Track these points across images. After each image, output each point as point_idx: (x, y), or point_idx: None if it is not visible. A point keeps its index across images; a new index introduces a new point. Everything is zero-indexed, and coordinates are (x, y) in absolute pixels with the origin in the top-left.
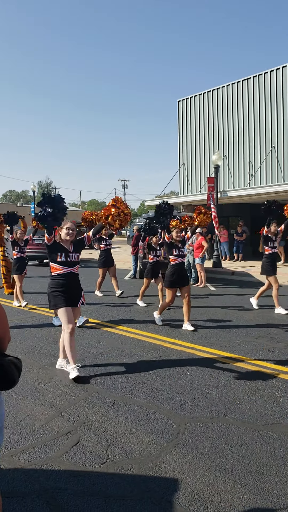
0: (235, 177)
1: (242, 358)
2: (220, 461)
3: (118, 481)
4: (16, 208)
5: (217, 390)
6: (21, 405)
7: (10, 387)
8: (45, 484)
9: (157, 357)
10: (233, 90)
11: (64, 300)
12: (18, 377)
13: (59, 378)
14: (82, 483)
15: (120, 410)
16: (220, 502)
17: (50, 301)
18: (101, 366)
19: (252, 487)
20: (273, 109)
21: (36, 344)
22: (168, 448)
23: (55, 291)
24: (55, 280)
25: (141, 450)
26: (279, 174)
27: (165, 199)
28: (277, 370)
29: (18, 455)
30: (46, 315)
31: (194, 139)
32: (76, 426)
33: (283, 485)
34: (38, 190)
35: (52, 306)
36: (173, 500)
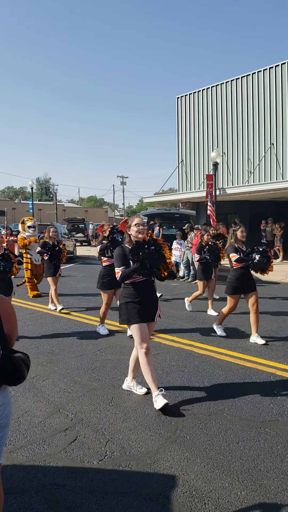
0: (234, 174)
1: (240, 355)
2: (217, 457)
3: (116, 477)
4: (14, 204)
5: (215, 387)
6: (20, 402)
7: (18, 382)
8: (43, 480)
9: (155, 354)
10: (232, 87)
11: (139, 314)
12: (27, 373)
13: (57, 375)
14: (80, 479)
15: (118, 407)
16: (218, 499)
17: (121, 315)
18: (99, 363)
19: (249, 484)
20: (272, 106)
21: (34, 341)
22: (166, 445)
23: (130, 302)
24: (127, 290)
25: (139, 447)
26: (277, 171)
27: (163, 195)
28: (275, 367)
29: (16, 451)
30: (44, 312)
31: (193, 136)
32: (74, 422)
33: (280, 482)
34: (36, 187)
35: (124, 321)
36: (171, 496)
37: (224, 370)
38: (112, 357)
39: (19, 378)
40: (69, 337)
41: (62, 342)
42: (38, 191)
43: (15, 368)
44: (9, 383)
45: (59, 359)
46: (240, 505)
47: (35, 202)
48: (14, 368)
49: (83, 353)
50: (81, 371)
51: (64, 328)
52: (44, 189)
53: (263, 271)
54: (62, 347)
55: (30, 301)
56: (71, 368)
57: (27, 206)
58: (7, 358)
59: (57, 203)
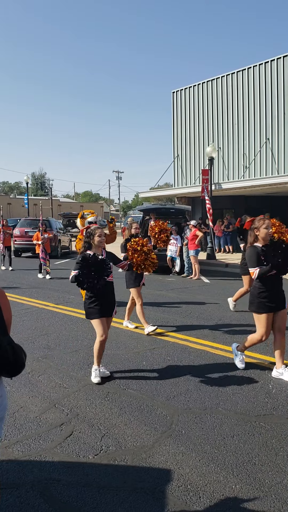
0: (230, 169)
1: None
2: (212, 451)
3: (112, 472)
4: (9, 199)
5: (210, 382)
6: (15, 397)
7: (19, 371)
8: (39, 475)
9: (151, 349)
10: (228, 82)
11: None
12: (25, 361)
13: (53, 370)
14: (76, 474)
15: (113, 402)
16: (213, 492)
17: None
18: None
19: (244, 477)
20: (267, 101)
21: (29, 336)
22: (161, 439)
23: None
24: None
25: (134, 441)
26: (273, 166)
27: (159, 190)
28: (270, 361)
29: (12, 446)
30: (40, 308)
31: (189, 131)
32: (70, 417)
33: (274, 475)
34: (31, 182)
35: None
36: (166, 490)
37: (219, 365)
38: (108, 352)
39: (20, 365)
40: (65, 333)
41: (57, 337)
42: (33, 186)
43: (17, 355)
44: (10, 372)
45: (55, 354)
46: (234, 498)
47: (30, 197)
48: (17, 355)
49: (78, 348)
50: (77, 366)
51: (59, 323)
52: (40, 184)
53: None
54: (58, 342)
55: (26, 296)
56: (67, 363)
57: (22, 201)
58: (10, 345)
59: (52, 198)
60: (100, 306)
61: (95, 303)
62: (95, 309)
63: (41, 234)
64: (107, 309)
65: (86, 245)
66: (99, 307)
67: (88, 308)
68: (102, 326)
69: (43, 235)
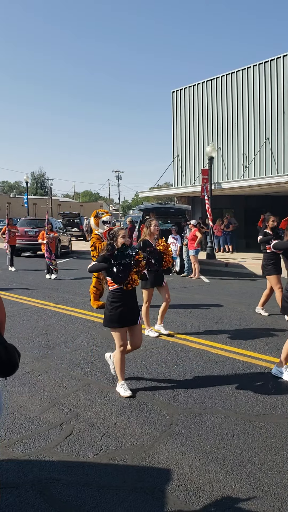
0: (229, 168)
1: (235, 350)
2: (212, 451)
3: (111, 471)
4: (9, 199)
5: (210, 381)
6: (15, 397)
7: (13, 371)
8: (38, 474)
9: (151, 348)
10: (227, 81)
11: None
12: (19, 362)
13: (52, 370)
14: (76, 473)
15: (113, 401)
16: (212, 492)
17: None
18: (95, 358)
19: (243, 477)
20: (267, 101)
21: (29, 336)
22: (161, 438)
23: None
24: None
25: (134, 441)
26: (273, 166)
27: (159, 190)
28: (270, 361)
29: (12, 446)
30: (40, 307)
31: (188, 131)
32: (70, 417)
33: (274, 475)
34: (31, 181)
35: None
36: (165, 489)
37: (218, 364)
38: (108, 351)
39: (13, 365)
40: (65, 332)
41: (57, 337)
42: (33, 186)
43: (11, 355)
44: (3, 372)
45: (55, 354)
46: (234, 498)
47: (30, 196)
48: (10, 355)
49: (78, 348)
50: (77, 366)
51: (59, 323)
52: (39, 183)
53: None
54: (58, 342)
55: (25, 295)
56: (67, 363)
57: (22, 201)
58: (2, 345)
59: (52, 198)
60: (122, 314)
61: (117, 310)
62: (116, 317)
63: (46, 233)
64: (129, 317)
65: (109, 247)
66: (121, 314)
67: (109, 315)
68: (121, 335)
69: (48, 234)
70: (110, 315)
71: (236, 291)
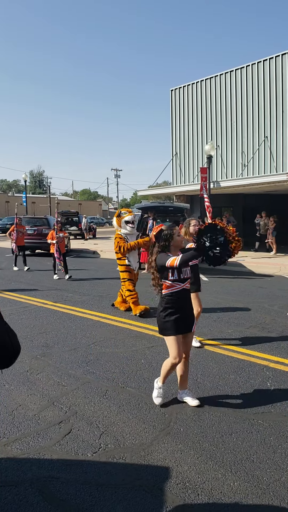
0: (228, 167)
1: (234, 348)
2: (211, 449)
3: (110, 469)
4: (8, 197)
5: (209, 380)
6: (14, 395)
7: (16, 356)
8: (37, 473)
9: (149, 347)
10: (226, 80)
11: None
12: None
13: (51, 369)
14: (75, 471)
15: (112, 400)
16: (211, 490)
17: None
18: (94, 356)
19: (242, 475)
20: (266, 99)
21: (28, 335)
22: (159, 437)
23: None
24: None
25: (133, 439)
26: (271, 165)
27: (157, 188)
28: (268, 359)
29: (10, 444)
30: (39, 306)
31: (187, 129)
32: (69, 415)
33: (272, 473)
34: (30, 180)
35: None
36: (164, 487)
37: (217, 362)
38: (106, 350)
39: (17, 351)
40: (63, 331)
41: (56, 335)
42: (31, 184)
43: (12, 341)
44: (5, 361)
45: (53, 352)
46: (233, 496)
47: (29, 195)
48: (11, 342)
49: (77, 347)
50: (75, 364)
51: (58, 321)
52: (38, 182)
53: None
54: (56, 341)
55: (24, 294)
56: (65, 362)
57: (20, 199)
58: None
59: (50, 196)
60: (177, 320)
61: (173, 316)
62: (171, 324)
63: (56, 233)
64: (185, 324)
65: (164, 249)
66: (177, 321)
67: (164, 322)
68: (177, 345)
69: (58, 234)
70: (164, 322)
71: (235, 290)
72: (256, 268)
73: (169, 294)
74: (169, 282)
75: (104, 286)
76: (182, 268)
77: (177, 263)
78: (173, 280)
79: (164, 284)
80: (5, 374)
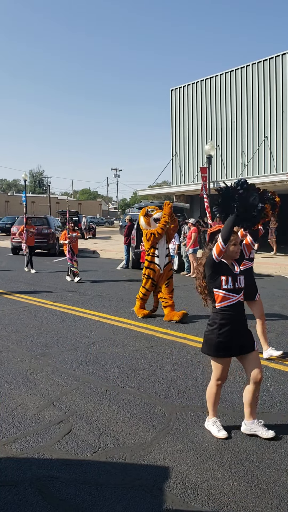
0: (228, 167)
1: None
2: (210, 449)
3: (110, 469)
4: (7, 197)
5: (208, 380)
6: (13, 395)
7: None
8: (37, 472)
9: (149, 347)
10: (226, 80)
11: None
12: None
13: (51, 368)
14: (74, 471)
15: (112, 400)
16: (211, 489)
17: None
18: (93, 356)
19: (242, 475)
20: (266, 99)
21: (28, 334)
22: (159, 436)
23: None
24: None
25: (132, 439)
26: (271, 164)
27: (157, 188)
28: (268, 359)
29: (10, 444)
30: (38, 305)
31: (187, 129)
32: (68, 415)
33: (272, 472)
34: (29, 179)
35: None
36: (164, 487)
37: None
38: (106, 350)
39: None
40: (63, 330)
41: (55, 335)
42: (31, 184)
43: None
44: None
45: (53, 352)
46: (232, 495)
47: (28, 195)
48: None
49: (76, 346)
50: (75, 364)
51: (57, 321)
52: (38, 181)
53: None
54: (56, 340)
55: (24, 294)
56: (65, 361)
57: (20, 199)
58: None
59: (50, 196)
60: (233, 339)
61: (228, 335)
62: (224, 344)
63: (68, 233)
64: (243, 343)
65: None
66: (233, 340)
67: (217, 342)
68: (225, 367)
69: (70, 234)
70: (218, 341)
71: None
72: (256, 268)
73: (224, 308)
74: (223, 292)
75: (104, 286)
76: (226, 244)
77: (220, 242)
78: (227, 290)
79: (217, 295)
80: (5, 373)
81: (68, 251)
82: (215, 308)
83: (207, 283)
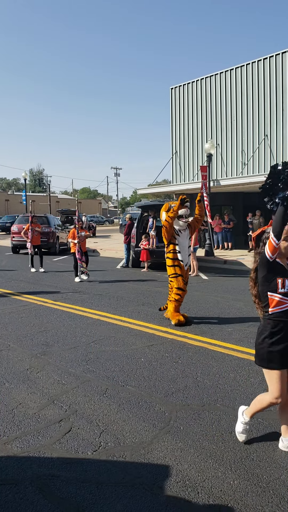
0: (228, 165)
1: (234, 347)
2: (211, 447)
3: (110, 468)
4: (7, 196)
5: (208, 378)
6: (14, 394)
7: None
8: (38, 471)
9: (149, 345)
10: (226, 78)
11: None
12: None
13: (51, 367)
14: (75, 470)
15: (112, 398)
16: (211, 488)
17: None
18: (94, 355)
19: (242, 473)
20: (266, 97)
21: (28, 333)
22: (159, 435)
23: None
24: None
25: (133, 438)
26: (271, 163)
27: (157, 187)
28: None
29: (11, 442)
30: (38, 304)
31: (187, 127)
32: (69, 414)
33: (272, 471)
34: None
35: None
36: (164, 486)
37: (217, 361)
38: (106, 348)
39: None
40: (63, 329)
41: (56, 334)
42: (31, 183)
43: None
44: None
45: (53, 351)
46: (233, 494)
47: (28, 193)
48: None
49: (77, 345)
50: (75, 363)
51: (58, 320)
52: (38, 180)
53: None
54: (56, 339)
55: (24, 293)
56: (65, 360)
57: (20, 198)
58: None
59: (50, 195)
60: (285, 349)
61: (282, 345)
62: (279, 354)
63: (78, 232)
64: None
65: None
66: (284, 350)
67: (269, 352)
68: (282, 381)
69: (79, 233)
70: (270, 351)
71: (235, 288)
72: None
73: (278, 314)
74: (278, 296)
75: (104, 285)
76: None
77: (273, 238)
78: (284, 294)
79: (272, 300)
80: (5, 372)
81: (77, 251)
82: (267, 314)
83: (261, 286)
